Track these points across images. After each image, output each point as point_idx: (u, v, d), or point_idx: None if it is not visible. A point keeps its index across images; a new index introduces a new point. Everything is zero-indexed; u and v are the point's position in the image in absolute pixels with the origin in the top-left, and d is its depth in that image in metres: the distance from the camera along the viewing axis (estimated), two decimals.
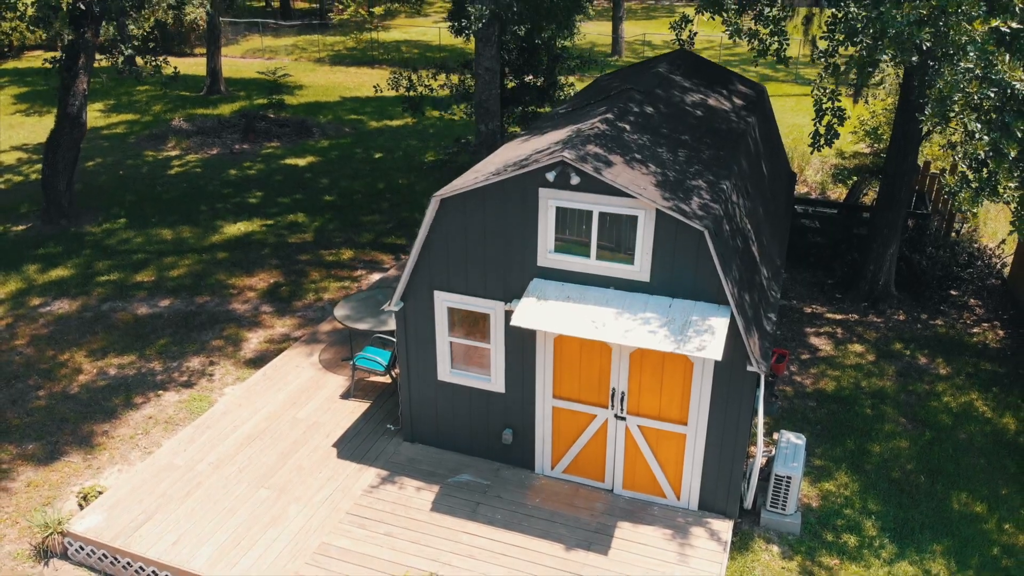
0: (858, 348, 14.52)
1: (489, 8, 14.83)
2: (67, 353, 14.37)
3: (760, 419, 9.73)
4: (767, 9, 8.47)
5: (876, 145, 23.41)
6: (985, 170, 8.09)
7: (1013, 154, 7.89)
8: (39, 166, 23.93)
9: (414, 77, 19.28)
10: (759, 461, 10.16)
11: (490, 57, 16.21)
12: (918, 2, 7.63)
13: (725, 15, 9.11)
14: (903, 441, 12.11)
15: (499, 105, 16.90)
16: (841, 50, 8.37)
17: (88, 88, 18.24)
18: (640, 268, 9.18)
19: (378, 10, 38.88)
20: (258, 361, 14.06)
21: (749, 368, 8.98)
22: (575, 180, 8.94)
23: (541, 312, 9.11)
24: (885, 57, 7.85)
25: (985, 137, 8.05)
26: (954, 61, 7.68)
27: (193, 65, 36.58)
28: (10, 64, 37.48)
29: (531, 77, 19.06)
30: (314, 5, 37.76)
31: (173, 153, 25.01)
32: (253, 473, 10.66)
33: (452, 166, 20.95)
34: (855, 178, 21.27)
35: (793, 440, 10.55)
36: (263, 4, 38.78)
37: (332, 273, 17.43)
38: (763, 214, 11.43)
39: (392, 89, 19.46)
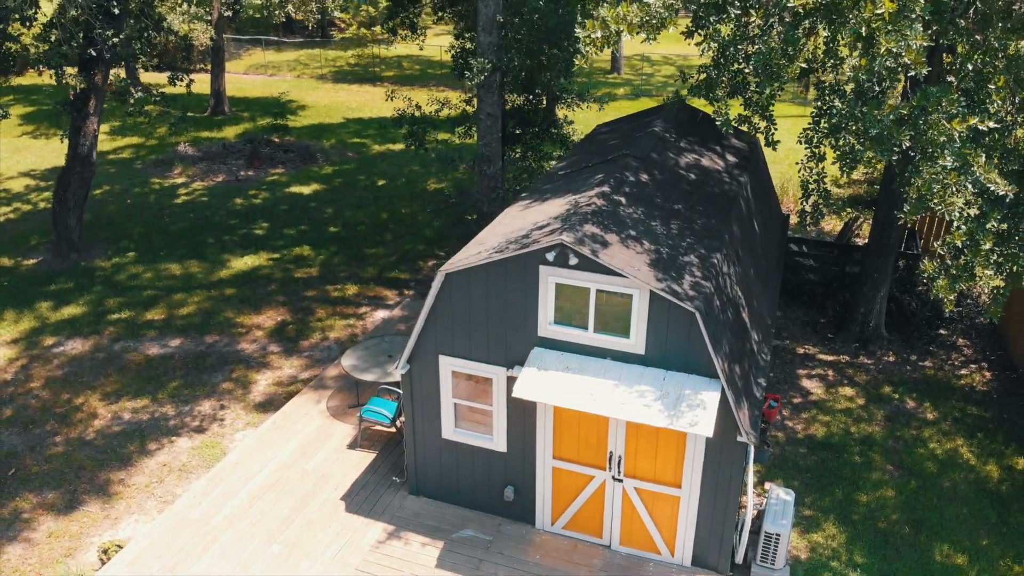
0: (848, 392, 14.98)
1: (491, 62, 15.28)
2: (82, 396, 14.83)
3: (751, 471, 10.17)
4: (756, 95, 8.91)
5: (870, 171, 23.83)
6: (962, 258, 8.55)
7: (988, 245, 8.35)
8: (47, 194, 24.38)
9: (417, 114, 19.71)
10: (750, 514, 10.63)
11: (492, 104, 16.66)
12: (899, 103, 8.06)
13: (716, 105, 9.53)
14: (889, 490, 12.58)
15: (500, 148, 17.34)
16: (826, 141, 8.82)
17: (98, 129, 18.67)
18: (636, 342, 9.64)
19: (379, 30, 39.24)
20: (267, 405, 14.52)
21: (739, 439, 9.45)
22: (573, 261, 9.40)
23: (541, 383, 9.57)
24: (868, 155, 8.31)
25: (963, 227, 8.51)
26: (932, 159, 8.13)
27: (197, 81, 36.97)
28: (15, 80, 37.89)
29: (531, 104, 19.44)
30: (314, 21, 38.13)
31: (179, 180, 25.45)
32: (265, 527, 11.13)
33: (456, 211, 21.28)
34: (849, 211, 21.72)
35: (783, 496, 11.01)
36: (264, 15, 39.12)
37: (337, 310, 17.88)
38: (754, 275, 11.88)
39: (396, 127, 19.89)
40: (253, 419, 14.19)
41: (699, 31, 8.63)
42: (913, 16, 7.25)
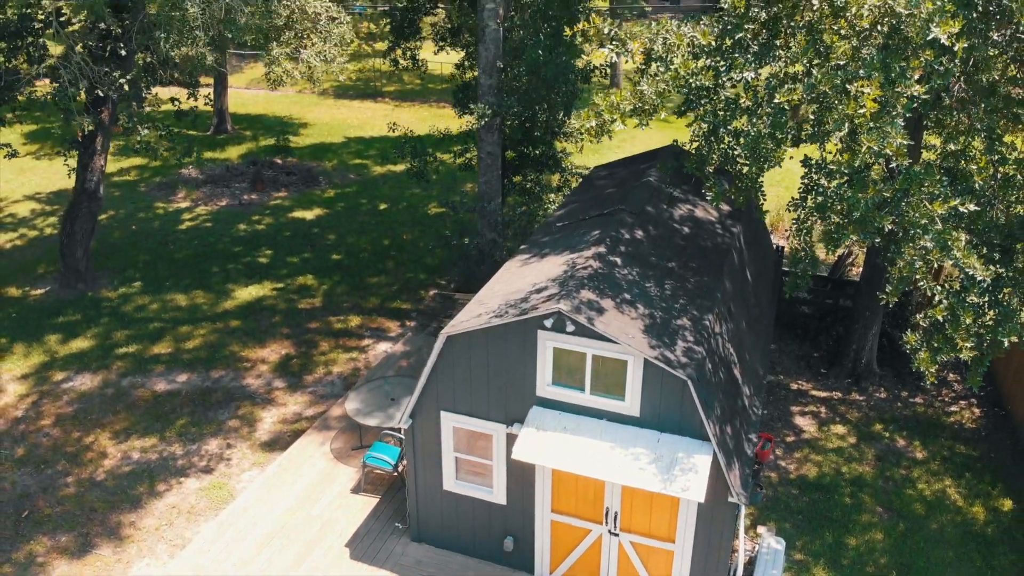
0: (840, 430, 15.34)
1: (491, 108, 15.62)
2: (92, 434, 15.19)
3: (742, 519, 10.51)
4: (744, 172, 9.24)
5: None
6: (944, 332, 8.90)
7: (968, 320, 8.69)
8: (53, 219, 24.72)
9: (420, 151, 20.01)
10: (742, 559, 10.99)
11: (492, 142, 17.00)
12: (881, 185, 8.40)
13: (707, 180, 9.86)
14: (878, 533, 12.94)
15: (500, 185, 17.68)
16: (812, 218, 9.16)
17: (105, 165, 19.00)
18: (631, 404, 9.99)
19: (380, 46, 39.55)
20: (272, 444, 14.88)
21: (730, 499, 9.81)
22: (570, 328, 9.75)
23: (540, 445, 9.93)
24: (853, 238, 8.65)
25: (944, 302, 8.85)
26: (914, 239, 8.47)
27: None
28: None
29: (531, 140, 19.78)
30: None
31: (183, 205, 25.79)
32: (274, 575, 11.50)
33: (458, 250, 21.51)
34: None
35: (773, 545, 11.38)
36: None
37: (340, 343, 18.24)
38: (746, 328, 12.22)
39: (398, 157, 20.23)
40: (259, 459, 14.55)
41: (689, 111, 8.97)
42: (895, 113, 7.59)
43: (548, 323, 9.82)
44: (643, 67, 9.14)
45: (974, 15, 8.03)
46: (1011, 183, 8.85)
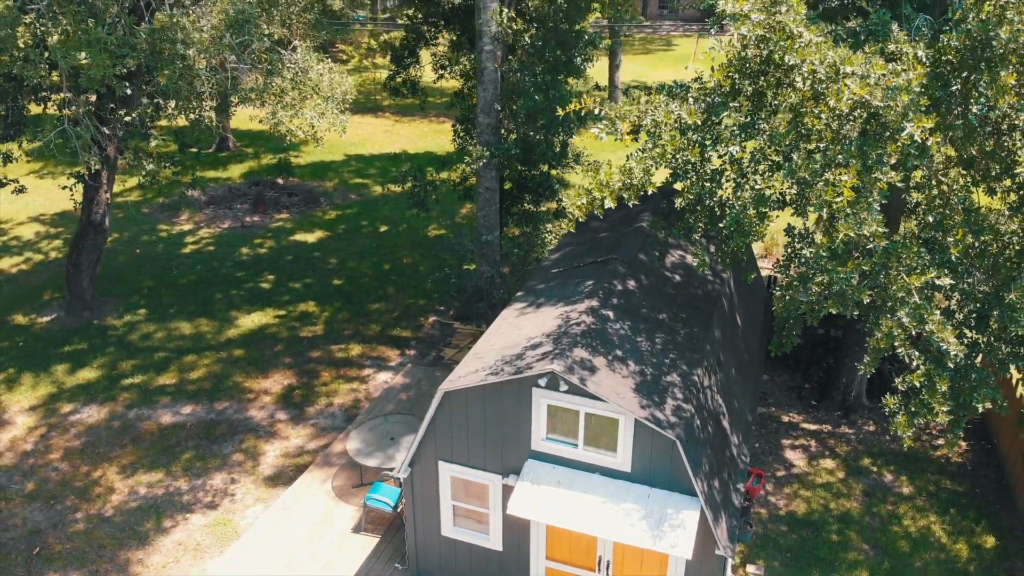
0: (829, 464, 15.73)
1: (489, 151, 15.98)
2: (100, 469, 15.58)
3: (728, 567, 10.91)
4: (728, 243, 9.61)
5: None
6: (919, 399, 9.27)
7: (944, 388, 9.06)
8: (58, 242, 25.09)
9: (420, 177, 20.37)
10: None
11: (490, 179, 17.36)
12: (861, 259, 8.77)
13: (694, 247, 10.23)
14: (864, 571, 13.33)
15: (499, 218, 18.05)
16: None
17: (110, 198, 19.36)
18: (622, 460, 10.37)
19: (380, 60, 39.87)
20: (276, 479, 15.27)
21: (717, 552, 10.20)
22: (564, 387, 10.13)
23: (535, 499, 10.31)
24: (832, 311, 9.01)
25: (921, 367, 9.23)
26: (892, 311, 8.84)
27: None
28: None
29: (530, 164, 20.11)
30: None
31: (187, 227, 26.15)
32: None
33: (458, 287, 21.78)
34: None
35: None
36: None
37: (342, 372, 18.62)
38: (735, 374, 12.60)
39: (399, 185, 20.59)
40: (263, 494, 14.94)
41: (678, 182, 9.32)
42: (871, 200, 7.95)
43: (542, 382, 10.20)
44: (633, 137, 9.49)
45: (950, 107, 8.39)
46: (986, 253, 9.20)
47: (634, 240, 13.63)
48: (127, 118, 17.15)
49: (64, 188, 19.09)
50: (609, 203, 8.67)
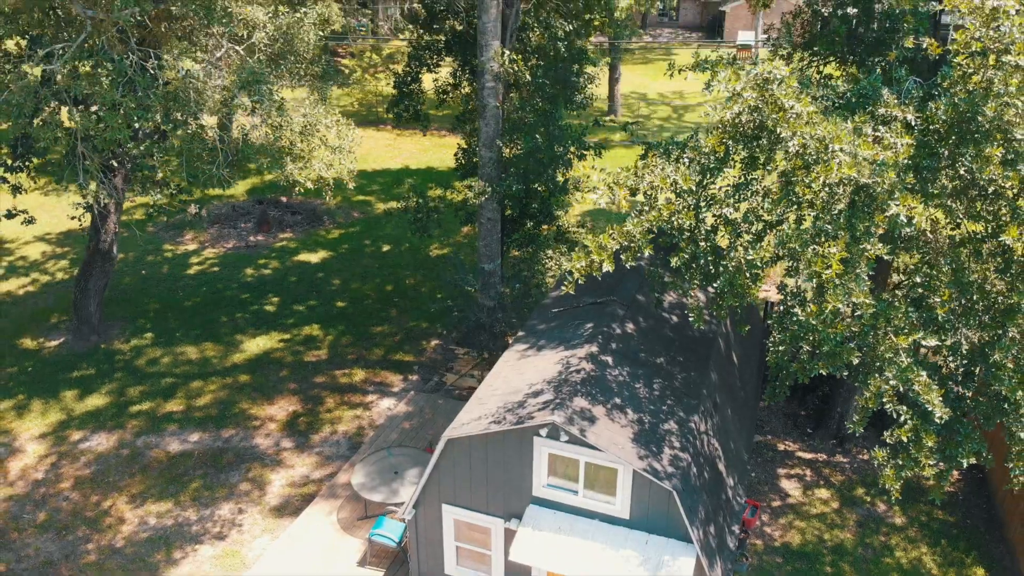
0: (824, 494, 16.07)
1: (490, 187, 16.31)
2: (110, 498, 15.93)
3: None
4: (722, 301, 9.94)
5: None
6: (906, 453, 9.60)
7: (931, 443, 9.39)
8: (64, 263, 25.40)
9: (422, 202, 20.67)
10: None
11: (491, 209, 17.68)
12: (850, 320, 9.09)
13: (689, 301, 10.55)
14: None
15: (500, 248, 18.37)
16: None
17: (118, 226, 19.69)
18: (621, 507, 10.71)
19: (383, 76, 40.15)
20: (282, 509, 15.62)
21: None
22: (564, 438, 10.47)
23: (536, 546, 10.65)
24: (823, 372, 9.34)
25: (909, 422, 9.56)
26: (880, 371, 9.16)
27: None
28: None
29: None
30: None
31: (192, 247, 26.47)
32: None
33: (459, 318, 22.08)
34: None
35: None
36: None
37: (346, 399, 18.96)
38: (732, 414, 12.93)
39: (401, 203, 20.95)
40: (269, 525, 15.28)
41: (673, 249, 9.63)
42: (859, 270, 8.26)
43: (543, 432, 10.53)
44: (630, 199, 9.80)
45: (937, 176, 8.70)
46: (972, 312, 9.53)
47: (632, 281, 13.95)
48: (135, 151, 17.46)
49: (72, 219, 19.37)
50: (607, 266, 8.99)
